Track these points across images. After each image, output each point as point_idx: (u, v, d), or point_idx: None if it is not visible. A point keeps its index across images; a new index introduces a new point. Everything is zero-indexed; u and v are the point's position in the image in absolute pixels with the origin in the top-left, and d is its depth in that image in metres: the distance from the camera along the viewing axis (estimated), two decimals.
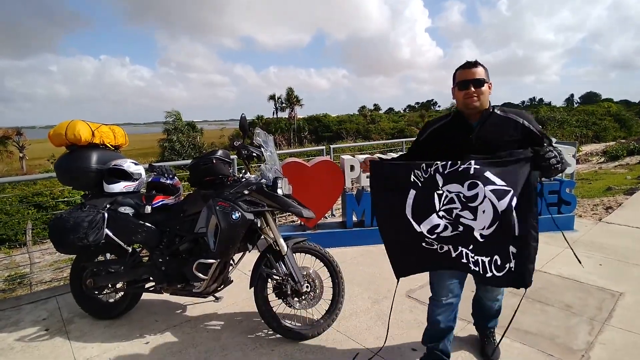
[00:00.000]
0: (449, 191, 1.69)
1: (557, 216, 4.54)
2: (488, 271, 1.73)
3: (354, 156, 4.50)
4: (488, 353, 2.23)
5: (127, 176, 2.75)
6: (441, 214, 1.72)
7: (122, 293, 2.80)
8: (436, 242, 1.77)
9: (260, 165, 2.56)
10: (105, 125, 2.89)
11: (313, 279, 2.55)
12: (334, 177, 4.20)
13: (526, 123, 1.77)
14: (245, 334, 2.58)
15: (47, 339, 2.60)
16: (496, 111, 1.82)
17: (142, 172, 2.86)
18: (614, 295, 2.99)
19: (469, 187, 1.64)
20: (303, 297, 2.50)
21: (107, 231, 2.55)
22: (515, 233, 1.68)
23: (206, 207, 2.45)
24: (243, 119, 2.53)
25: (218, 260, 2.43)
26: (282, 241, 2.47)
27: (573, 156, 4.81)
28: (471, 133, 1.81)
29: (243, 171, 2.63)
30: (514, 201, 1.62)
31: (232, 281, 2.76)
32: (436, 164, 1.72)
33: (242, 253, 2.68)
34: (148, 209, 2.64)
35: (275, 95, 58.71)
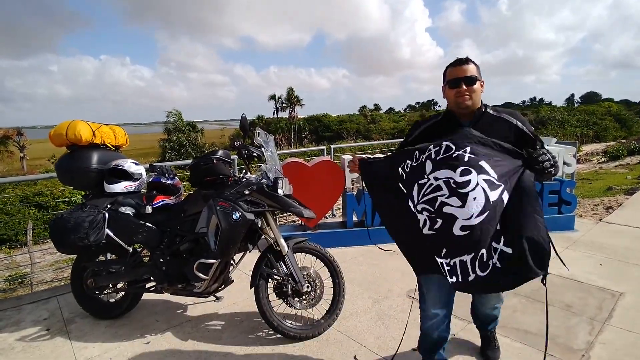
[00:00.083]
0: (436, 178, 1.59)
1: (558, 216, 4.54)
2: (470, 273, 1.55)
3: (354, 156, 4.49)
4: (488, 353, 2.23)
5: (128, 176, 2.76)
6: (420, 208, 1.62)
7: (123, 293, 2.81)
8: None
9: (260, 165, 2.56)
10: (105, 125, 2.89)
11: (313, 279, 2.56)
12: (335, 177, 4.20)
13: (519, 124, 1.70)
14: (245, 334, 2.59)
15: (48, 339, 2.60)
16: (489, 110, 1.74)
17: (143, 172, 2.87)
18: (614, 295, 2.99)
19: (462, 174, 1.54)
20: (303, 297, 2.51)
21: (108, 231, 2.55)
22: (499, 228, 1.54)
23: (207, 207, 2.46)
24: (243, 119, 2.54)
25: (219, 260, 2.44)
26: (283, 241, 2.48)
27: (573, 156, 4.81)
28: None
29: (244, 171, 2.64)
30: (505, 195, 1.54)
31: (233, 281, 2.76)
32: (429, 150, 1.64)
33: (243, 253, 2.68)
34: (149, 209, 2.65)
35: (275, 95, 58.73)
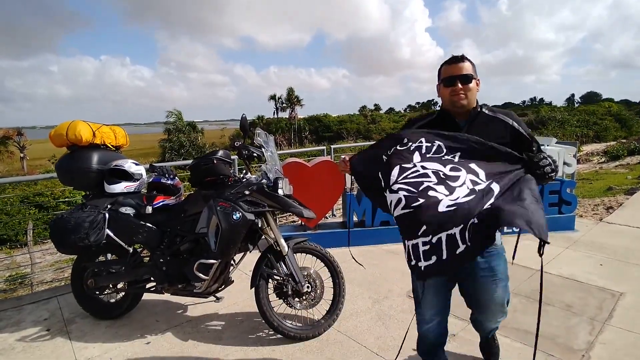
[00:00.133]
0: (424, 167, 1.54)
1: (558, 216, 4.54)
2: (460, 244, 1.33)
3: None
4: (488, 353, 2.22)
5: (128, 176, 2.76)
6: (396, 187, 1.52)
7: (123, 293, 2.81)
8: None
9: (260, 165, 2.56)
10: (106, 125, 2.89)
11: (314, 279, 2.56)
12: (335, 178, 4.20)
13: (515, 125, 1.65)
14: (246, 334, 2.59)
15: (49, 339, 2.61)
16: (484, 110, 1.69)
17: (143, 173, 2.87)
18: (615, 295, 2.99)
19: (451, 170, 1.51)
20: (304, 298, 2.51)
21: (108, 231, 2.56)
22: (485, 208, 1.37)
23: (207, 208, 2.46)
24: (244, 119, 2.54)
25: (219, 260, 2.44)
26: (283, 241, 2.48)
27: (574, 156, 4.81)
28: (458, 133, 1.66)
29: (244, 171, 2.64)
30: (495, 185, 1.43)
31: (233, 281, 2.76)
32: (420, 143, 1.59)
33: (243, 253, 2.68)
34: (149, 210, 2.65)
35: (275, 95, 58.71)
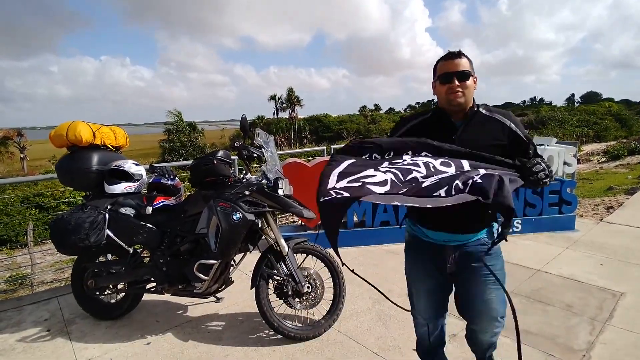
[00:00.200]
0: (414, 159, 1.47)
1: (559, 216, 4.53)
2: (452, 191, 1.31)
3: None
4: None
5: (128, 177, 2.76)
6: (384, 169, 1.43)
7: (123, 294, 2.81)
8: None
9: (261, 165, 2.56)
10: (106, 126, 2.89)
11: (314, 280, 2.56)
12: None
13: (513, 126, 1.58)
14: (246, 335, 2.59)
15: (49, 340, 2.61)
16: (481, 110, 1.62)
17: (143, 173, 2.87)
18: (615, 295, 2.99)
19: (442, 164, 1.44)
20: (304, 298, 2.51)
21: (108, 232, 2.56)
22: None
23: (207, 208, 2.46)
24: (244, 120, 2.54)
25: (219, 260, 2.44)
26: (283, 242, 2.48)
27: (574, 156, 4.81)
28: (454, 133, 1.58)
29: (244, 172, 2.64)
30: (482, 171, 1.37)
31: (233, 282, 2.76)
32: (407, 154, 1.51)
33: (243, 253, 2.68)
34: (149, 210, 2.65)
35: (275, 95, 58.72)
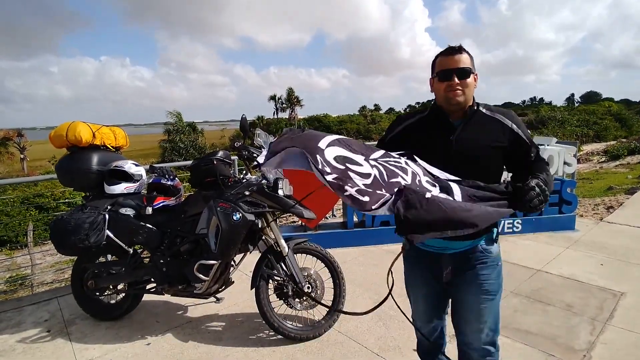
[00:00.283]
0: (408, 164, 1.40)
1: (559, 216, 4.53)
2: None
3: None
4: None
5: (128, 177, 2.76)
6: (372, 163, 1.36)
7: (123, 294, 2.81)
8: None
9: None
10: (105, 126, 2.89)
11: (314, 280, 2.56)
12: None
13: (515, 127, 1.49)
14: (246, 335, 2.58)
15: (49, 341, 2.60)
16: (481, 109, 1.52)
17: (143, 174, 2.87)
18: (615, 295, 2.99)
19: (427, 182, 1.35)
20: (304, 298, 2.51)
21: (108, 232, 2.55)
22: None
23: (207, 208, 2.46)
24: (243, 120, 2.54)
25: (219, 261, 2.43)
26: (283, 242, 2.48)
27: (574, 156, 4.81)
28: (452, 133, 1.49)
29: (244, 172, 2.64)
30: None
31: (233, 282, 2.76)
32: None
33: (243, 254, 2.68)
34: (149, 210, 2.65)
35: (275, 95, 58.80)
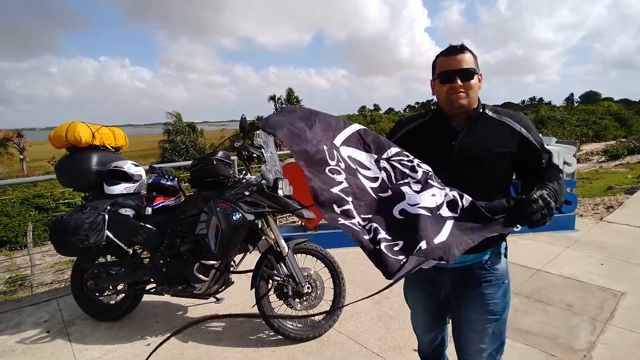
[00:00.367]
0: (420, 165, 1.27)
1: (558, 215, 4.53)
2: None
3: None
4: None
5: (128, 178, 2.75)
6: (383, 164, 1.28)
7: (123, 295, 2.81)
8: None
9: (260, 166, 2.56)
10: (105, 126, 2.89)
11: (314, 280, 2.55)
12: None
13: (524, 131, 1.37)
14: (246, 335, 2.58)
15: (48, 341, 2.60)
16: (487, 112, 1.41)
17: (143, 174, 2.86)
18: (616, 294, 2.99)
19: (433, 195, 1.21)
20: (304, 298, 2.50)
21: (108, 233, 2.55)
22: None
23: (207, 209, 2.45)
24: (243, 120, 2.53)
25: (219, 261, 2.43)
26: (283, 242, 2.47)
27: (573, 155, 4.81)
28: (454, 139, 1.39)
29: (244, 172, 2.64)
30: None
31: (233, 282, 2.76)
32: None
33: (243, 254, 2.68)
34: (149, 211, 2.65)
35: (275, 95, 58.66)
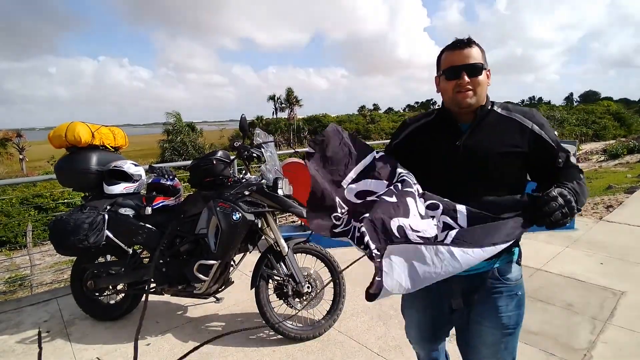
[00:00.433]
0: (419, 193, 1.22)
1: None
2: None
3: None
4: None
5: (128, 177, 2.75)
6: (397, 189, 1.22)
7: (123, 294, 2.81)
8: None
9: (260, 165, 2.55)
10: (105, 126, 2.88)
11: (314, 280, 2.55)
12: None
13: (536, 128, 1.25)
14: (246, 335, 2.58)
15: (48, 341, 2.59)
16: (496, 109, 1.31)
17: (142, 174, 2.86)
18: (616, 294, 2.99)
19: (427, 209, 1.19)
20: (304, 298, 2.50)
21: (108, 233, 2.55)
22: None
23: (207, 208, 2.45)
24: (243, 120, 2.53)
25: (219, 261, 2.43)
26: (283, 242, 2.47)
27: (573, 155, 4.81)
28: (458, 139, 1.29)
29: (243, 172, 2.63)
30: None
31: (233, 282, 2.75)
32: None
33: (243, 254, 2.68)
34: (148, 210, 2.64)
35: (274, 95, 58.86)
